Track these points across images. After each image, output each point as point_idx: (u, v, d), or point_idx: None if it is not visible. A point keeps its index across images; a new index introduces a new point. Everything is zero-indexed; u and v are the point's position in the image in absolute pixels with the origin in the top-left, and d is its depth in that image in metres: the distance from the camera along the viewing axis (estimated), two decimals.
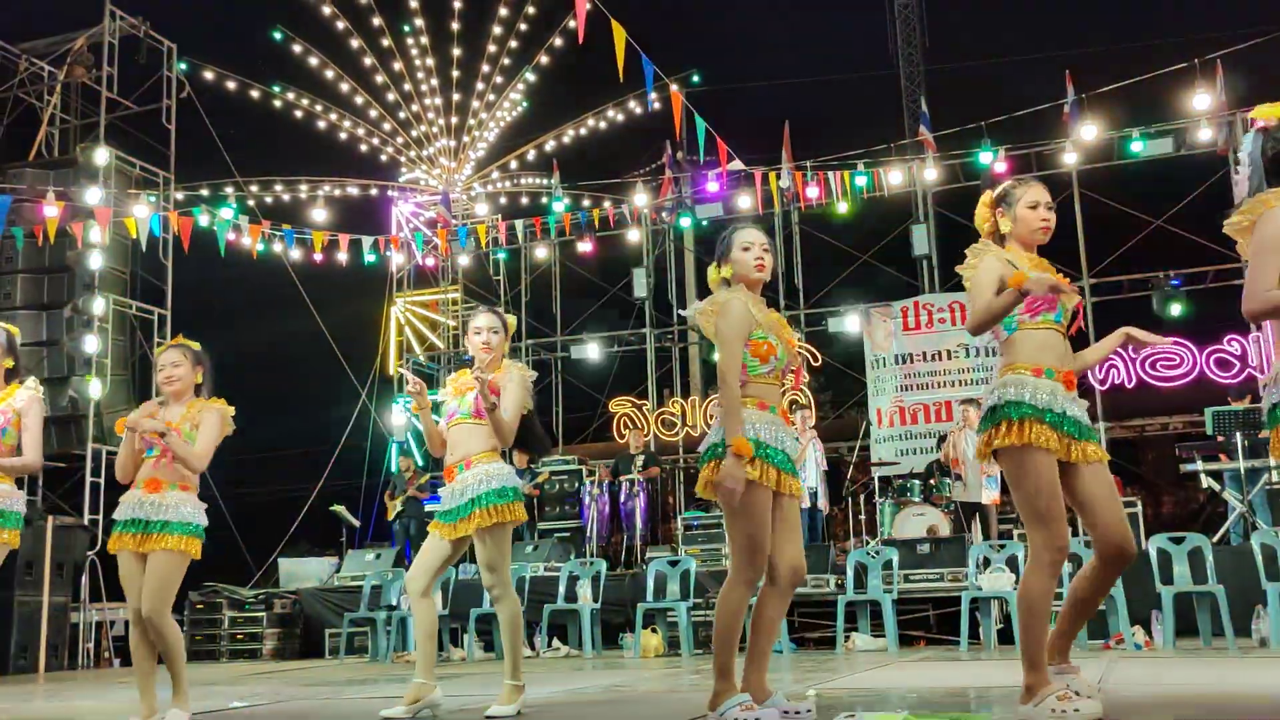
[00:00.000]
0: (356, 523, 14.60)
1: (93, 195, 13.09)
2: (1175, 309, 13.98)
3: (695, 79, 16.97)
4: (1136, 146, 13.35)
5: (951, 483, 11.39)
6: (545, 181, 18.13)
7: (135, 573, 4.78)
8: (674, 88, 11.69)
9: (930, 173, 14.37)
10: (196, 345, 5.11)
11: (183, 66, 15.31)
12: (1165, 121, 13.70)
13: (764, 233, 4.25)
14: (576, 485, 13.86)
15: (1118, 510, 3.85)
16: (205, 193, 15.51)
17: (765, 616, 4.08)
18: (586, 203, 16.54)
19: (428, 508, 14.67)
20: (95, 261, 13.22)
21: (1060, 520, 3.74)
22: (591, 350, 16.88)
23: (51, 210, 12.42)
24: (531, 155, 19.10)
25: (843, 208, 14.43)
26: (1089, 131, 13.37)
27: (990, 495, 11.11)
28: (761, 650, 4.10)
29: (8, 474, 4.89)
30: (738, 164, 12.71)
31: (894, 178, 14.22)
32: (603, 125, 18.88)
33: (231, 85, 17.27)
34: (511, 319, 5.19)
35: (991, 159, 13.64)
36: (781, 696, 4.09)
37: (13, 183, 13.40)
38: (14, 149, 14.24)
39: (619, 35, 9.96)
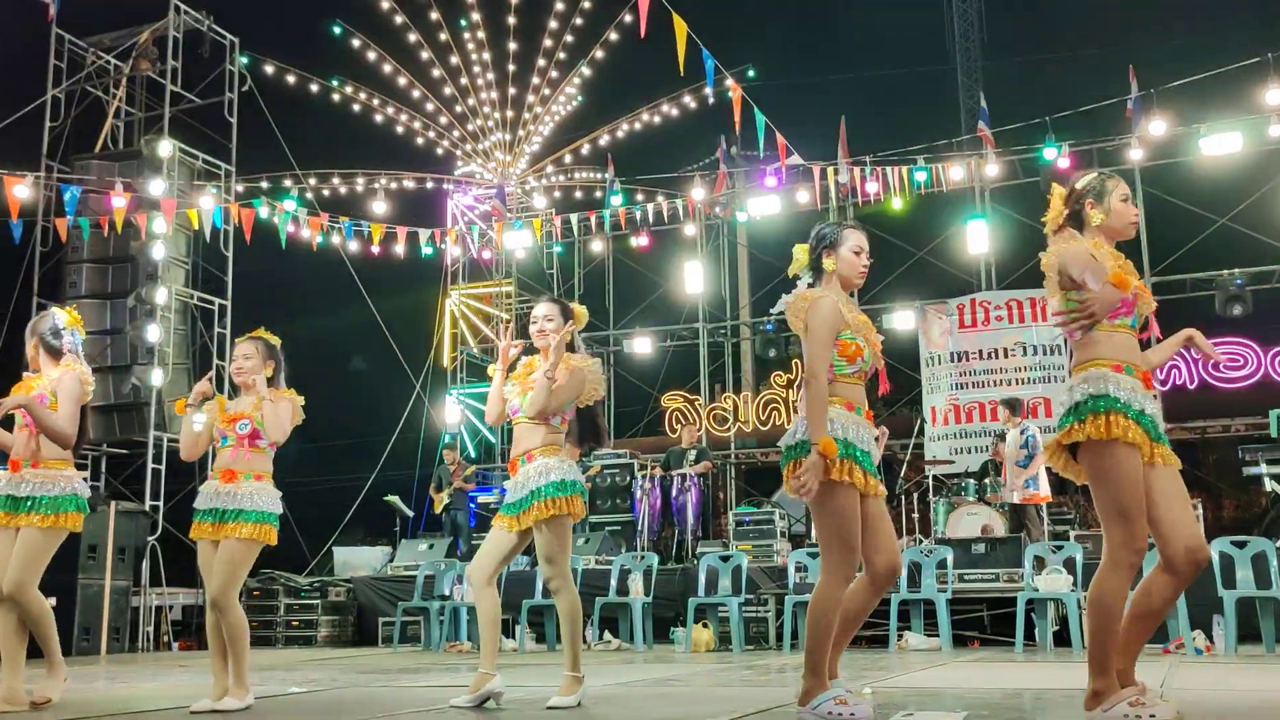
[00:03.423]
0: (410, 513, 14.72)
1: (156, 187, 13.32)
2: (1239, 309, 13.70)
3: (751, 73, 16.88)
4: (1203, 143, 13.07)
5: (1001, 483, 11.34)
6: (600, 175, 18.15)
7: (211, 560, 5.01)
8: (732, 82, 11.65)
9: (991, 168, 14.20)
10: (274, 339, 5.28)
11: (244, 60, 15.52)
12: (1232, 118, 13.42)
13: (865, 235, 4.33)
14: (628, 479, 13.88)
15: (1191, 515, 3.72)
16: (265, 185, 15.71)
17: (854, 608, 4.11)
18: (640, 197, 16.55)
19: (481, 499, 14.80)
20: (158, 252, 13.45)
21: (1142, 519, 3.63)
22: (644, 344, 16.89)
23: (119, 201, 12.65)
24: (586, 149, 19.13)
25: (899, 203, 14.28)
26: (1157, 127, 13.10)
27: (1024, 494, 10.93)
28: (838, 640, 4.11)
29: (45, 429, 5.07)
30: (796, 159, 12.62)
31: (954, 174, 14.06)
32: (657, 120, 18.86)
33: (291, 79, 17.48)
34: (580, 309, 5.20)
35: (1056, 154, 13.42)
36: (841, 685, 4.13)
37: (79, 174, 13.67)
38: (81, 141, 14.50)
39: (680, 29, 9.94)
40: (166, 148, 13.82)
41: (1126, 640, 3.72)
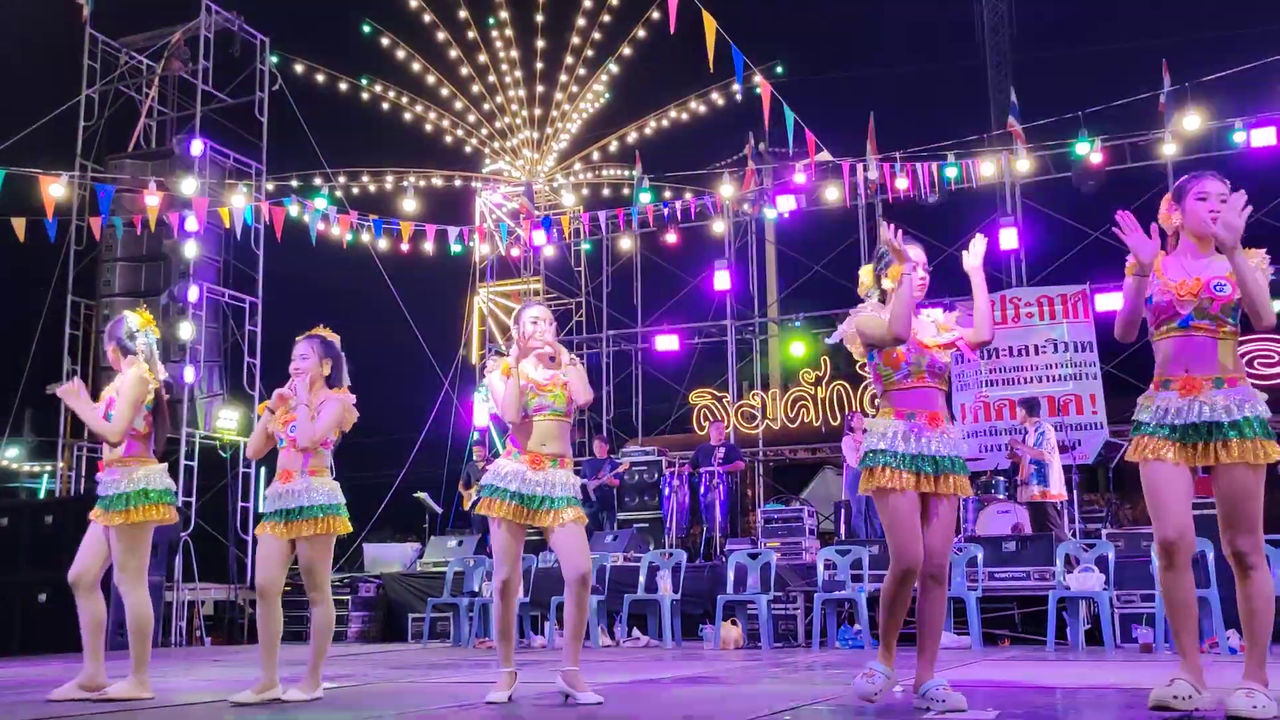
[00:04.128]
0: (439, 509, 14.80)
1: (188, 186, 13.43)
2: (1275, 304, 13.50)
3: (779, 69, 16.84)
4: (1239, 138, 12.91)
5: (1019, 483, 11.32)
6: (628, 173, 18.16)
7: (272, 554, 5.17)
8: (762, 78, 11.61)
9: (1023, 164, 14.09)
10: (332, 336, 5.34)
11: (275, 59, 15.62)
12: (1266, 112, 13.25)
13: (923, 251, 4.49)
14: (656, 476, 13.88)
15: (1232, 518, 3.87)
16: (295, 184, 15.81)
17: (920, 609, 4.46)
18: (668, 194, 16.54)
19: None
20: (190, 250, 13.57)
21: (1165, 516, 3.84)
22: (671, 341, 16.87)
23: (152, 200, 12.77)
24: (614, 146, 19.16)
25: (931, 199, 14.18)
26: (1191, 122, 12.94)
27: (1031, 492, 10.89)
28: (919, 642, 4.49)
29: (91, 428, 5.41)
30: (826, 155, 12.56)
31: (985, 169, 13.95)
32: (685, 117, 18.87)
33: (321, 78, 17.59)
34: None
35: (1089, 149, 13.29)
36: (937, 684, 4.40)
37: (113, 173, 13.81)
38: (114, 140, 14.65)
39: (710, 26, 9.92)
40: (198, 147, 13.94)
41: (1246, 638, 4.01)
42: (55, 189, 12.40)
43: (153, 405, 5.42)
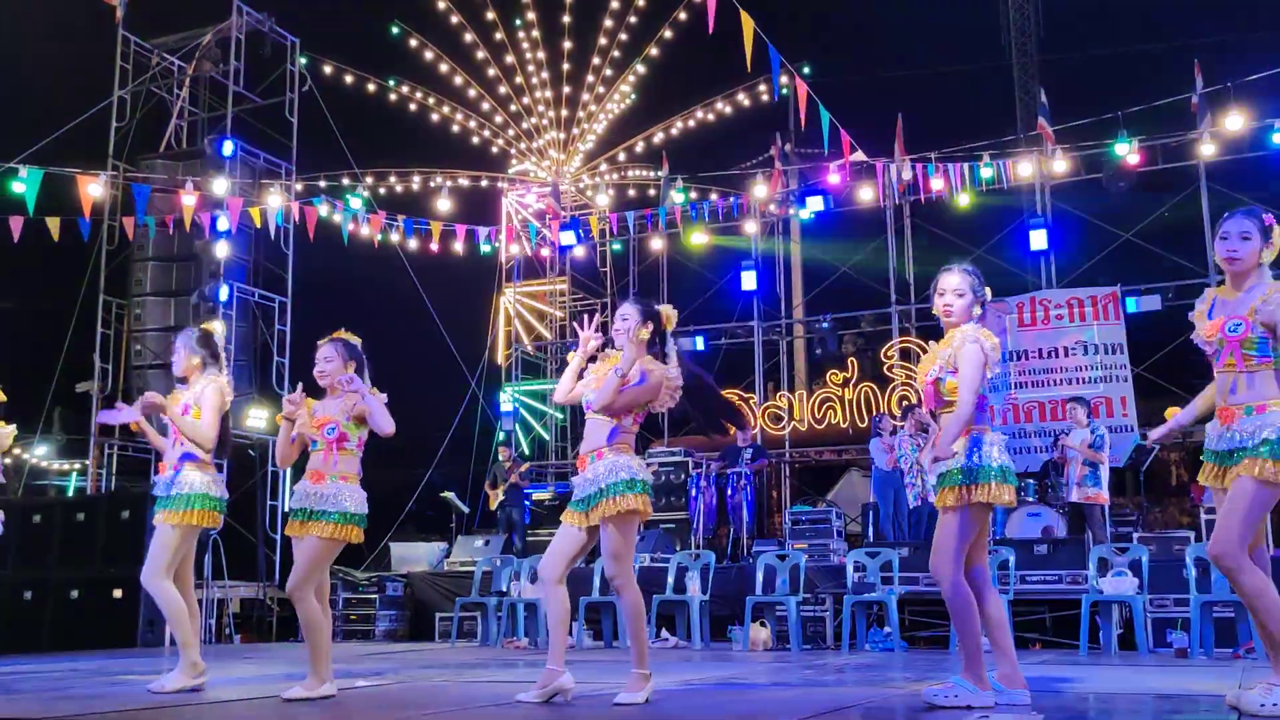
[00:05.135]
0: (466, 509, 14.83)
1: (219, 186, 13.51)
2: None
3: (806, 70, 16.81)
4: (1278, 139, 12.74)
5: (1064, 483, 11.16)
6: (654, 174, 18.16)
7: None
8: (798, 78, 11.58)
9: (1059, 164, 13.97)
10: (355, 339, 5.37)
11: (304, 61, 15.70)
12: None
13: (957, 275, 4.54)
14: (683, 477, 13.86)
15: (1223, 522, 4.07)
16: (323, 184, 15.88)
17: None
18: (694, 195, 16.53)
19: (535, 495, 14.84)
20: (221, 250, 13.64)
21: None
22: (698, 342, 16.83)
23: (189, 200, 12.85)
24: (640, 147, 19.17)
25: (964, 200, 14.11)
26: (1234, 122, 12.76)
27: (1084, 493, 10.70)
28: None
29: (186, 435, 5.56)
30: (860, 155, 12.50)
31: (1023, 169, 13.84)
32: (710, 118, 18.86)
33: (350, 79, 17.67)
34: (669, 311, 5.13)
35: (1127, 149, 13.17)
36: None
37: (145, 173, 13.91)
38: (145, 141, 14.77)
39: (747, 26, 9.91)
40: (229, 147, 14.02)
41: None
42: (94, 188, 12.48)
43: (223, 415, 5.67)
